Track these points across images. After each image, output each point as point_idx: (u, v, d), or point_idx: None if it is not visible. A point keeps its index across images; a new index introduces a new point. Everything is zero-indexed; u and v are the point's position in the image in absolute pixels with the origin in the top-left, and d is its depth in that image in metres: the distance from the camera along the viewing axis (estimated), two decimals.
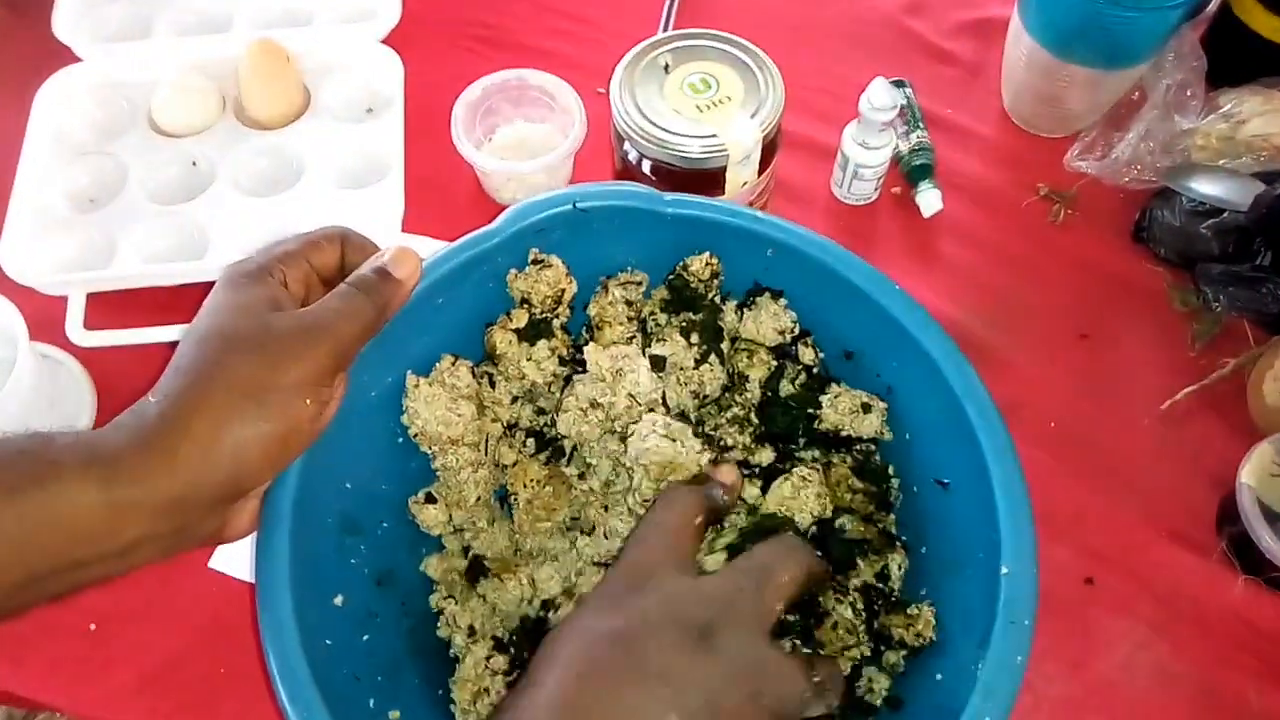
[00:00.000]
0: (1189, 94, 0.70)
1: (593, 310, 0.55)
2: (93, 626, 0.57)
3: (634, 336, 0.55)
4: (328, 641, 0.42)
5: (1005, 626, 0.41)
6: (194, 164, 0.73)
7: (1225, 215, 0.67)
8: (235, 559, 0.59)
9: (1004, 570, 0.42)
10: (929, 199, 0.72)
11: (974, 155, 0.77)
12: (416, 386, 0.51)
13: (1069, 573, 0.59)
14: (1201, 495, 0.61)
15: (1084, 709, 0.55)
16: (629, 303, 0.55)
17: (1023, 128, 0.78)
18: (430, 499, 0.52)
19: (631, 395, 0.50)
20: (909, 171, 0.74)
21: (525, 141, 0.74)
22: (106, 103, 0.75)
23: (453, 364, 0.52)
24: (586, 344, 0.52)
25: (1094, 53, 0.68)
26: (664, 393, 0.52)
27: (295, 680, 0.40)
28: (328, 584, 0.45)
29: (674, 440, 0.48)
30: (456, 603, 0.51)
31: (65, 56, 0.76)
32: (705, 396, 0.54)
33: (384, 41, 0.78)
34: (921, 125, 0.76)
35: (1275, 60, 0.71)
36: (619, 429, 0.51)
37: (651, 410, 0.51)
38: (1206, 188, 0.68)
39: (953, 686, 0.42)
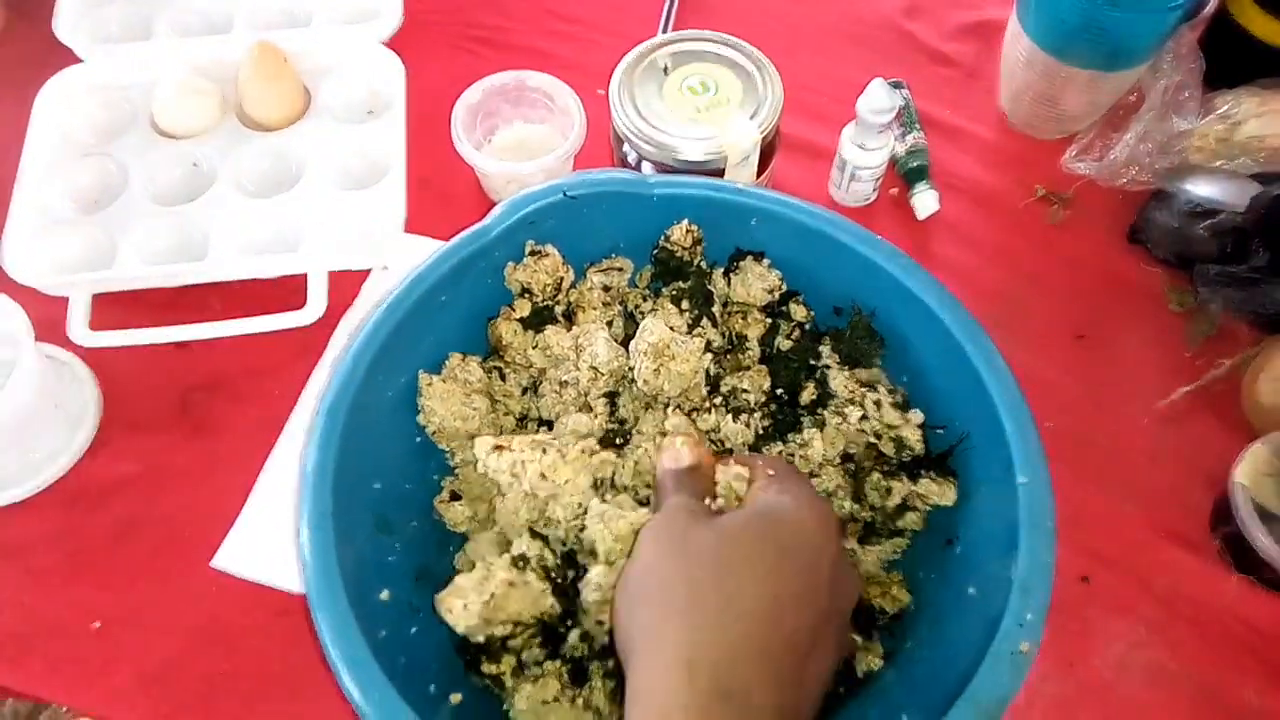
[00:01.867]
0: (1186, 95, 0.71)
1: (573, 297, 0.57)
2: (94, 626, 0.58)
3: (611, 321, 0.56)
4: (382, 633, 0.43)
5: (1031, 530, 0.44)
6: (195, 165, 0.73)
7: (1222, 216, 0.67)
8: (237, 558, 0.60)
9: (1021, 480, 0.45)
10: (925, 200, 0.72)
11: (972, 156, 0.77)
12: (430, 385, 0.52)
13: (1065, 571, 0.59)
14: (1198, 494, 0.62)
15: (1080, 707, 0.56)
16: (606, 288, 0.57)
17: (1020, 129, 0.78)
18: (455, 496, 0.53)
19: (594, 368, 0.52)
20: (905, 173, 0.74)
21: (525, 143, 0.75)
22: (108, 104, 0.75)
23: (462, 360, 0.53)
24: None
25: (1092, 54, 0.69)
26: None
27: (363, 669, 0.40)
28: (372, 580, 0.46)
29: (672, 329, 0.52)
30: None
31: (66, 57, 0.76)
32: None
33: (385, 43, 0.78)
34: (918, 127, 0.76)
35: (1272, 62, 0.71)
36: (590, 403, 0.53)
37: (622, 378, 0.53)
38: (1203, 189, 0.68)
39: (988, 596, 0.44)
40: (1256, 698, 0.56)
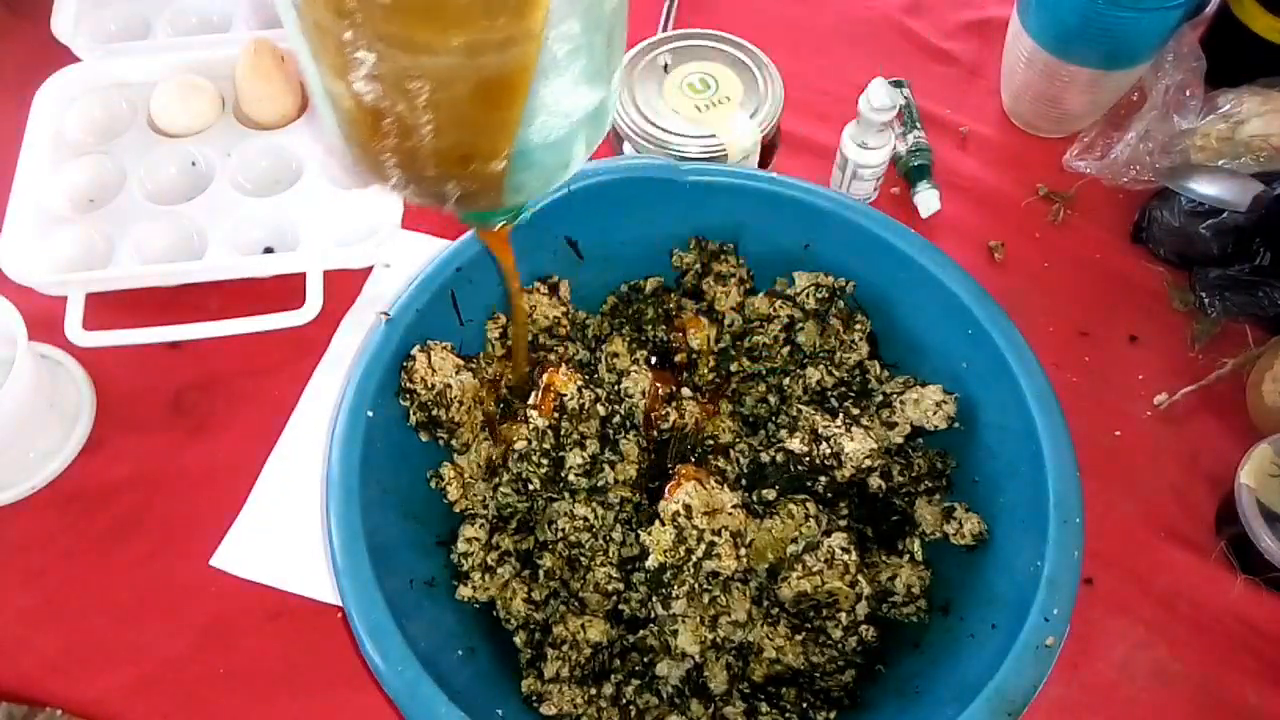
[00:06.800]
0: (1188, 94, 0.70)
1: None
2: (93, 626, 0.57)
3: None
4: (404, 603, 0.45)
5: (1060, 525, 0.44)
6: (193, 164, 0.73)
7: (1224, 215, 0.67)
8: (237, 557, 0.59)
9: (1051, 476, 0.45)
10: (927, 199, 0.72)
11: (973, 155, 0.77)
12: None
13: None
14: (1200, 495, 0.61)
15: (1082, 709, 0.55)
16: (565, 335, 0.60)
17: (1022, 128, 0.78)
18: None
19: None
20: (907, 172, 0.74)
21: None
22: (105, 103, 0.75)
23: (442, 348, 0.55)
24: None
25: (1093, 53, 0.68)
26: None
27: (383, 633, 0.42)
28: (399, 562, 0.47)
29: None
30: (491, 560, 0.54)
31: (64, 57, 0.76)
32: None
33: None
34: (919, 125, 0.76)
35: (1274, 60, 0.71)
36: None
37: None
38: (1205, 188, 0.68)
39: (1015, 590, 0.44)
40: (1257, 698, 0.55)
